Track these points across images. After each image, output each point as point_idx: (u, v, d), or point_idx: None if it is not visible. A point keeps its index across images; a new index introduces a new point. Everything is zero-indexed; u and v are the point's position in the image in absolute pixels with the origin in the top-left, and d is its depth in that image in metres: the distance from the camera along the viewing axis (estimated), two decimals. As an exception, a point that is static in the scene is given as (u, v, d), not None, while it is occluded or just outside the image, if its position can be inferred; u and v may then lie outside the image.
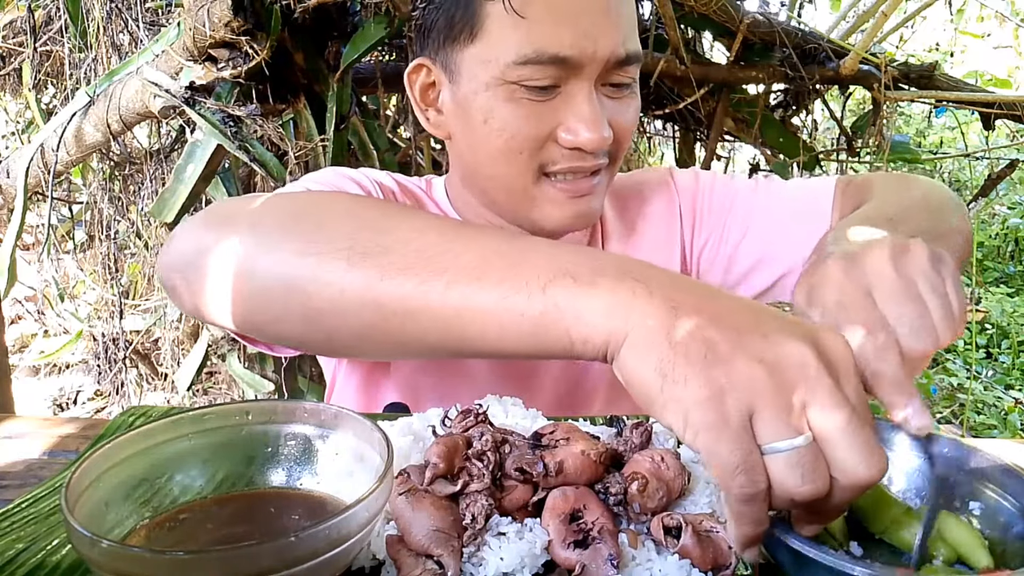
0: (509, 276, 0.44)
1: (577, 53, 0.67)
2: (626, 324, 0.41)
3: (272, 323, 0.55)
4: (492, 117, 0.70)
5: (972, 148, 2.91)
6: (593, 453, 0.46)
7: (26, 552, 0.47)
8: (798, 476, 0.38)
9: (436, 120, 0.78)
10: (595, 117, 0.69)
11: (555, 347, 0.44)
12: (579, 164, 0.72)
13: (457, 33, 0.71)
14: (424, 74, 0.76)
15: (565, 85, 0.69)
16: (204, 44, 1.38)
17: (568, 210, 0.74)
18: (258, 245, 0.53)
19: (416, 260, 0.47)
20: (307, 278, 0.50)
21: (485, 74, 0.69)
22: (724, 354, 0.38)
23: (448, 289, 0.45)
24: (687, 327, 0.39)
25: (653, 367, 0.39)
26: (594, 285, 0.42)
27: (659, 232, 0.88)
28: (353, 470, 0.45)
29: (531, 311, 0.43)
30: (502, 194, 0.76)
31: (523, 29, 0.67)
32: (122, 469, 0.43)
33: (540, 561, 0.42)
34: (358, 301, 0.48)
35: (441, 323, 0.46)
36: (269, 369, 1.88)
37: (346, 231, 0.50)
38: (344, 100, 1.59)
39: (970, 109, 2.09)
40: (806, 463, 0.38)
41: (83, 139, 1.63)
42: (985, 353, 3.60)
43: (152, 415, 0.64)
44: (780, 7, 2.14)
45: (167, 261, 0.61)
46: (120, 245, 2.12)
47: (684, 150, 2.25)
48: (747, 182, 0.89)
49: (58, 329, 2.78)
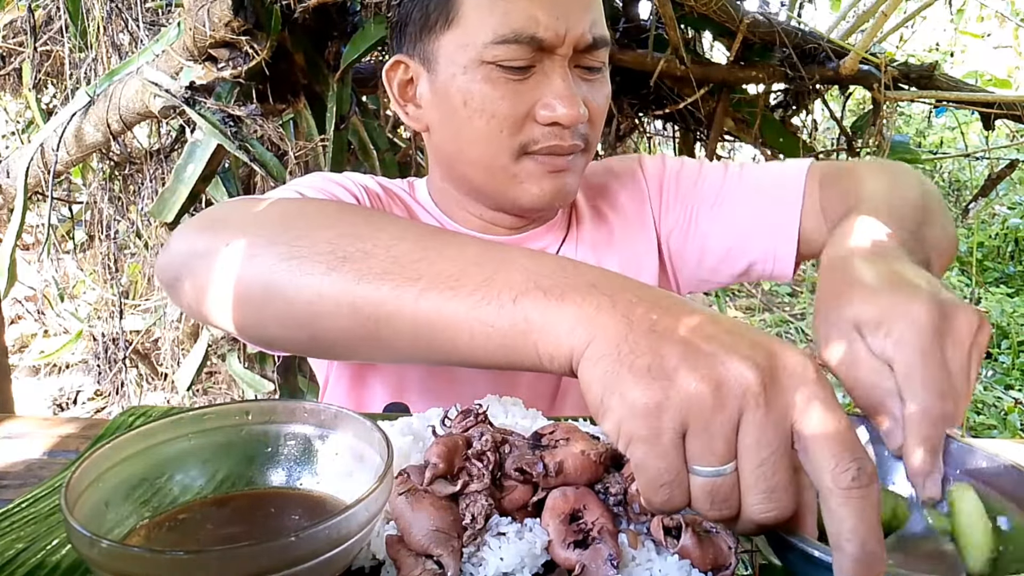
0: (482, 287, 0.44)
1: (551, 35, 0.71)
2: (586, 338, 0.40)
3: (256, 327, 0.56)
4: (471, 98, 0.73)
5: (972, 148, 2.91)
6: (593, 453, 0.46)
7: (26, 552, 0.47)
8: (708, 502, 0.38)
9: (415, 114, 0.80)
10: (570, 93, 0.72)
11: (525, 361, 0.43)
12: (557, 142, 0.74)
13: (433, 22, 0.74)
14: (402, 70, 0.79)
15: (540, 65, 0.73)
16: (204, 44, 1.38)
17: (547, 185, 0.76)
18: (243, 250, 0.54)
19: (392, 266, 0.47)
20: (286, 282, 0.51)
21: (463, 57, 0.73)
22: (668, 369, 0.38)
23: (421, 296, 0.45)
24: (638, 340, 0.39)
25: (598, 378, 0.39)
26: (563, 299, 0.42)
27: (630, 217, 0.90)
28: (353, 470, 0.45)
29: (501, 323, 0.43)
30: (483, 176, 0.78)
31: (499, 11, 0.71)
32: (122, 469, 0.43)
33: (540, 561, 0.42)
34: (334, 305, 0.49)
35: (413, 330, 0.46)
36: (269, 369, 1.88)
37: (328, 237, 0.51)
38: (344, 100, 1.59)
39: (970, 109, 2.09)
40: (721, 492, 0.38)
41: (83, 139, 1.63)
42: (985, 353, 3.59)
43: (152, 415, 0.64)
44: (780, 7, 2.14)
45: (163, 263, 0.63)
46: (120, 245, 2.12)
47: (684, 150, 2.24)
48: (716, 167, 0.90)
49: (58, 329, 2.78)
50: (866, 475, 0.36)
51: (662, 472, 0.38)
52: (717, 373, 0.37)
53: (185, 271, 0.59)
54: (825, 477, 0.36)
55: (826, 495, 0.36)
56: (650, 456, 0.38)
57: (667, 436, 0.37)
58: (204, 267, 0.56)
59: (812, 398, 0.37)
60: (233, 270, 0.54)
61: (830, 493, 0.36)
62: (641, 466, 0.38)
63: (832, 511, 0.36)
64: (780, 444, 0.37)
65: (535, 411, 0.58)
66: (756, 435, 0.37)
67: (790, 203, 0.82)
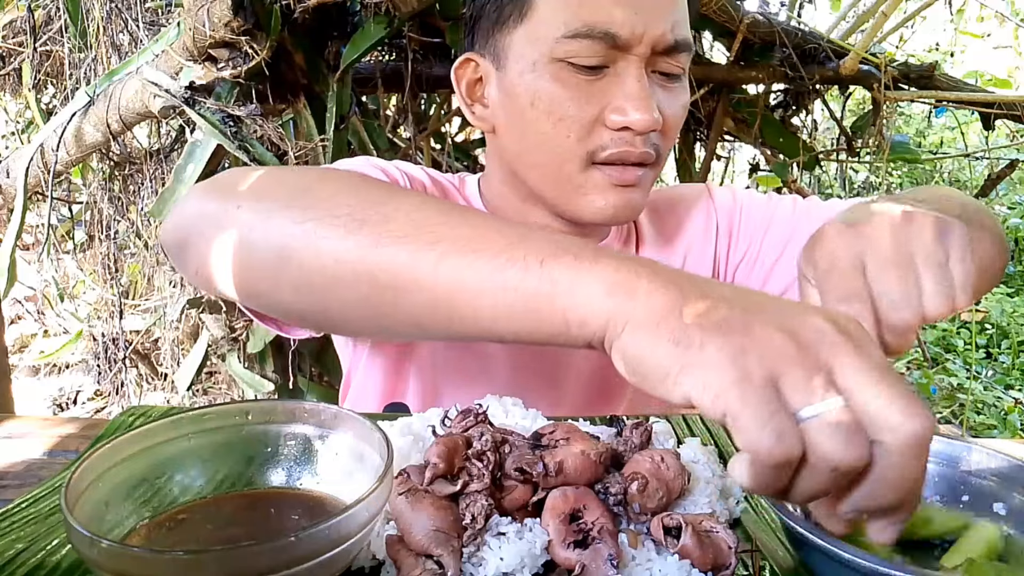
0: (506, 250, 0.42)
1: (627, 31, 0.67)
2: (629, 305, 0.38)
3: (269, 292, 0.54)
4: (539, 98, 0.70)
5: (972, 148, 2.91)
6: (593, 453, 0.46)
7: (26, 552, 0.47)
8: (840, 440, 0.34)
9: (481, 114, 0.78)
10: (644, 96, 0.68)
11: (550, 329, 0.41)
12: (628, 149, 0.70)
13: (507, 17, 0.71)
14: (471, 69, 0.77)
15: (614, 66, 0.69)
16: (204, 44, 1.38)
17: (613, 199, 0.72)
18: (258, 212, 0.51)
19: (412, 230, 0.46)
20: (302, 245, 0.48)
21: (533, 52, 0.69)
22: (739, 325, 0.36)
23: (441, 260, 0.44)
24: (696, 305, 0.37)
25: (666, 339, 0.37)
26: (595, 262, 0.40)
27: (694, 245, 0.87)
28: (353, 470, 0.45)
29: (526, 286, 0.41)
30: (548, 183, 0.75)
31: (574, 4, 0.67)
32: (122, 469, 0.43)
33: (540, 561, 0.42)
34: (351, 269, 0.47)
35: (432, 296, 0.44)
36: (269, 369, 1.88)
37: (347, 202, 0.49)
38: (344, 100, 1.59)
39: (970, 109, 2.09)
40: (846, 425, 0.34)
41: (83, 139, 1.63)
42: (985, 353, 3.60)
43: (152, 415, 0.64)
44: (780, 7, 2.14)
45: (169, 227, 0.60)
46: (120, 245, 2.12)
47: (684, 150, 2.24)
48: (784, 201, 0.88)
49: (58, 329, 2.78)
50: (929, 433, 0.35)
51: (761, 409, 0.34)
52: (790, 323, 0.37)
53: (194, 234, 0.56)
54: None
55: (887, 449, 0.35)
56: (746, 396, 0.34)
57: (758, 377, 0.35)
58: (214, 230, 0.54)
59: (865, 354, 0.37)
60: (246, 233, 0.51)
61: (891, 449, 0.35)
62: (737, 415, 0.34)
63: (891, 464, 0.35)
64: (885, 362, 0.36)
65: (535, 411, 0.58)
66: (858, 358, 0.36)
67: None
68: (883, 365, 0.36)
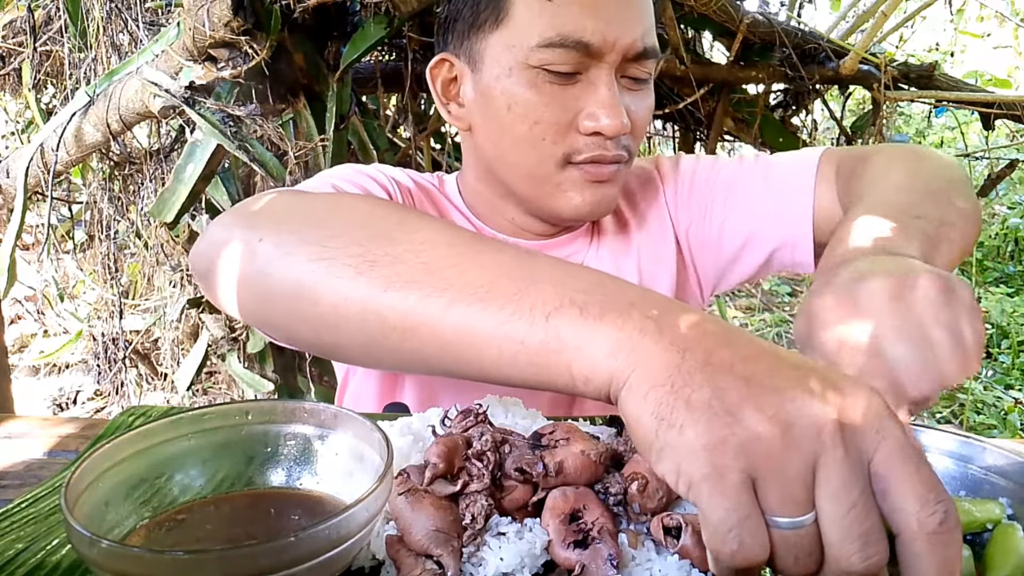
0: (513, 300, 0.42)
1: (599, 40, 0.70)
2: (629, 365, 0.37)
3: (284, 327, 0.55)
4: (515, 103, 0.72)
5: (972, 148, 2.91)
6: (593, 453, 0.46)
7: (26, 552, 0.47)
8: (791, 558, 0.34)
9: (457, 113, 0.80)
10: (614, 103, 0.71)
11: (556, 381, 0.41)
12: (601, 152, 0.73)
13: (483, 21, 0.73)
14: (446, 68, 0.79)
15: (586, 73, 0.72)
16: (204, 44, 1.38)
17: (589, 195, 0.76)
18: (276, 247, 0.52)
19: (421, 273, 0.46)
20: (315, 283, 0.49)
21: (509, 59, 0.72)
22: (731, 405, 0.34)
23: (449, 307, 0.44)
24: (694, 372, 0.36)
25: (651, 411, 0.35)
26: (600, 319, 0.39)
27: (647, 220, 0.89)
28: (353, 470, 0.45)
29: (531, 340, 0.41)
30: (525, 182, 0.77)
31: (548, 14, 0.70)
32: (122, 469, 0.43)
33: (540, 561, 0.42)
34: (360, 311, 0.47)
35: (440, 343, 0.45)
36: (269, 369, 1.88)
37: (360, 238, 0.49)
38: (344, 100, 1.59)
39: (970, 109, 2.09)
40: (805, 546, 0.34)
41: (83, 139, 1.63)
42: (985, 353, 3.59)
43: (152, 415, 0.64)
44: (780, 7, 2.14)
45: (198, 253, 0.61)
46: (120, 245, 2.12)
47: (684, 150, 2.25)
48: (730, 161, 0.89)
49: (58, 329, 2.79)
50: (952, 518, 0.33)
51: (729, 514, 0.33)
52: (786, 412, 0.34)
53: (219, 263, 0.57)
54: (910, 520, 0.33)
55: (910, 539, 0.33)
56: (715, 495, 0.33)
57: (733, 475, 0.33)
58: (237, 261, 0.55)
59: (888, 436, 0.34)
60: (264, 267, 0.52)
61: (915, 537, 0.33)
62: (706, 510, 0.33)
63: (916, 555, 0.33)
64: (866, 485, 0.34)
65: (535, 411, 0.58)
66: (841, 477, 0.33)
67: (803, 187, 0.81)
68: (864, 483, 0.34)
